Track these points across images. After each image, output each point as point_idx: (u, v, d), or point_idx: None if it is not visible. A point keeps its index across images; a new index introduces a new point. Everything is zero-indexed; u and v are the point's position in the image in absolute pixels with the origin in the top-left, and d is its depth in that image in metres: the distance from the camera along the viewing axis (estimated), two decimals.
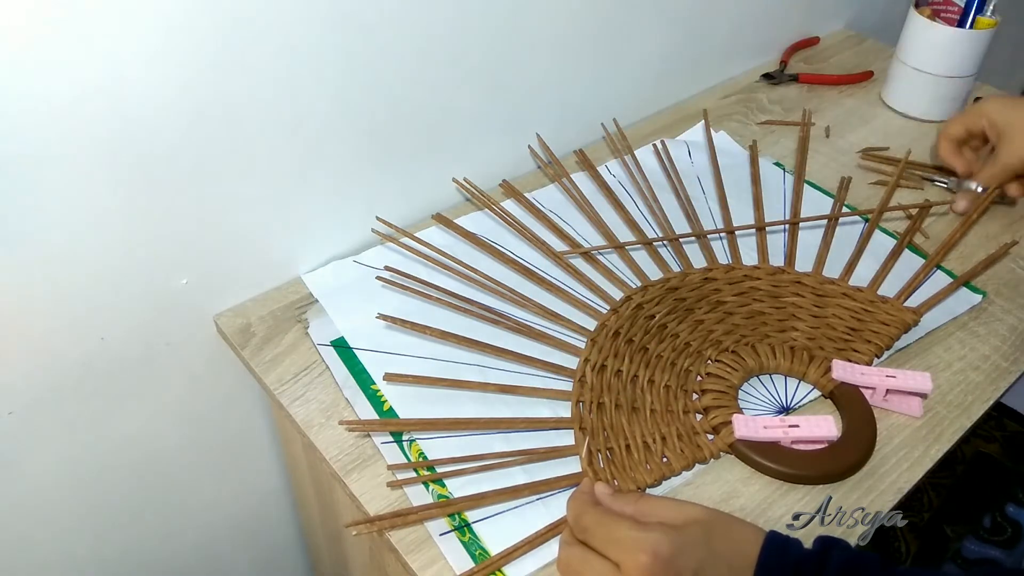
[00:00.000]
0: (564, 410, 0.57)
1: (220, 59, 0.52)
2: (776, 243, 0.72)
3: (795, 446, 0.55)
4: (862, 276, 0.68)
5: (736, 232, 0.72)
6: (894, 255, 0.70)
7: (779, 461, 0.54)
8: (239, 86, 0.54)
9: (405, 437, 0.56)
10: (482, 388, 0.57)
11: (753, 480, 0.54)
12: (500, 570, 0.49)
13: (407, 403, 0.58)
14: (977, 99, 0.80)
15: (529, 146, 0.78)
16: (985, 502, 0.96)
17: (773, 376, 0.61)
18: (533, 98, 0.75)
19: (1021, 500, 0.87)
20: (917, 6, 0.87)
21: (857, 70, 0.97)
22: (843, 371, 0.58)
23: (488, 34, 0.66)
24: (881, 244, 0.72)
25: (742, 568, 0.44)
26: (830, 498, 0.53)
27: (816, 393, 0.60)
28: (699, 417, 0.57)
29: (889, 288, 0.67)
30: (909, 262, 0.70)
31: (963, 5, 0.85)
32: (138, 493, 0.69)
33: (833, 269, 0.69)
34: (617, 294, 0.66)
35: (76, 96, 0.48)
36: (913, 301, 0.66)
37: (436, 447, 0.55)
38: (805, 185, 0.78)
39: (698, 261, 0.70)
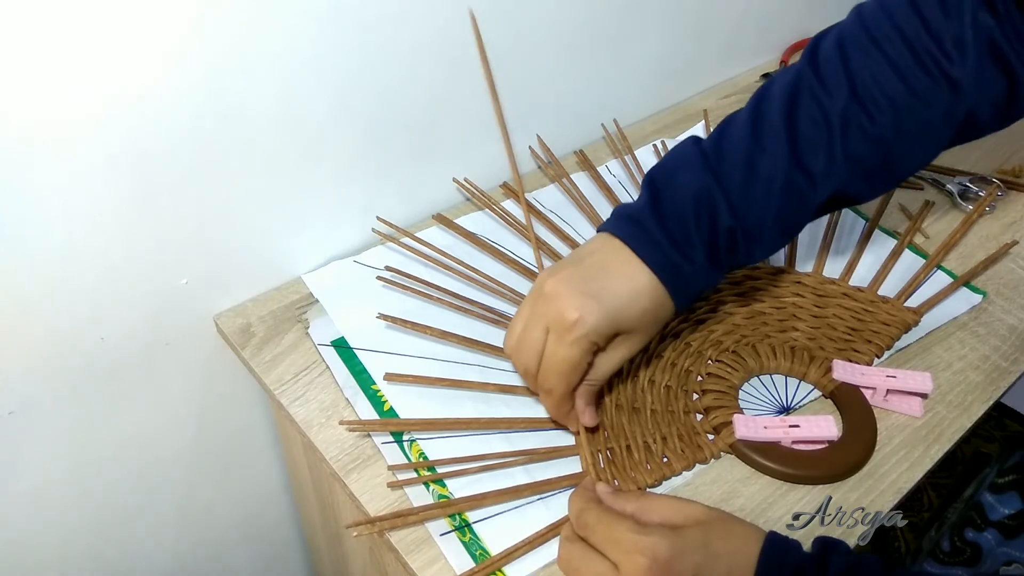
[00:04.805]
0: None
1: (220, 59, 0.52)
2: None
3: (795, 446, 0.55)
4: (862, 276, 0.68)
5: None
6: (894, 255, 0.70)
7: (779, 461, 0.54)
8: (239, 86, 0.54)
9: (405, 437, 0.56)
10: (482, 388, 0.57)
11: (753, 480, 0.54)
12: (500, 570, 0.49)
13: (408, 403, 0.58)
14: None
15: (530, 147, 0.78)
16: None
17: (773, 376, 0.61)
18: (533, 98, 0.75)
19: (979, 525, 0.86)
20: None
21: None
22: (843, 371, 0.58)
23: (488, 35, 0.66)
24: (881, 244, 0.72)
25: (741, 569, 0.44)
26: (830, 498, 0.53)
27: (816, 393, 0.60)
28: (699, 417, 0.57)
29: (889, 288, 0.67)
30: (909, 262, 0.70)
31: None
32: (138, 493, 0.69)
33: (833, 269, 0.69)
34: None
35: (75, 96, 0.48)
36: (913, 301, 0.66)
37: (436, 447, 0.55)
38: None
39: None
